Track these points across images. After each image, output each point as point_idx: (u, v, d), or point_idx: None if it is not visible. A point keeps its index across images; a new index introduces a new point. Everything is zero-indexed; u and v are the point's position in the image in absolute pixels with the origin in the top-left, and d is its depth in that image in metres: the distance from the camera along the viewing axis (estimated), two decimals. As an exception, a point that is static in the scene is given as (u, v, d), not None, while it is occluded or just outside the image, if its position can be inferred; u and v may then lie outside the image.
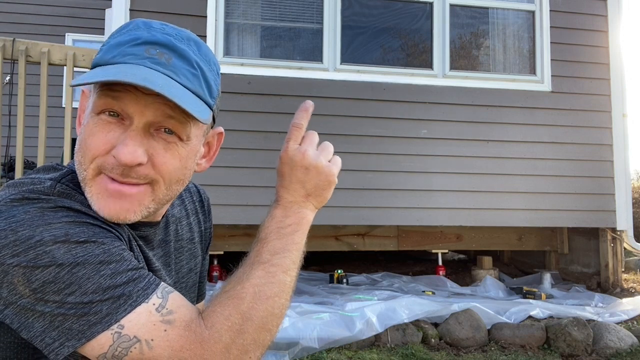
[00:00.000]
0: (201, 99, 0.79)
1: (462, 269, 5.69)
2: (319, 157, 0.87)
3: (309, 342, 3.11)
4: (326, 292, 4.32)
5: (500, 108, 4.69)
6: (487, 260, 5.15)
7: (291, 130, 0.88)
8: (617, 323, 3.80)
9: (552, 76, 4.79)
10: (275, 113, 4.23)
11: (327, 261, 5.46)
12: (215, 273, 4.64)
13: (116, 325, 0.70)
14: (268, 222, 0.86)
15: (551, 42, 4.80)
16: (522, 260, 5.92)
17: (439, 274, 5.03)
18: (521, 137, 4.69)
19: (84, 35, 7.27)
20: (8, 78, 3.93)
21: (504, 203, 4.64)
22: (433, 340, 3.47)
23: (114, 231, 0.78)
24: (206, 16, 4.29)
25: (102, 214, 0.77)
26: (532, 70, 4.86)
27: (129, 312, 0.70)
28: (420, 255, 6.01)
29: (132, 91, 0.73)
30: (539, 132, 4.72)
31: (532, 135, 4.71)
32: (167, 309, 0.73)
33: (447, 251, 5.55)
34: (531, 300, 4.21)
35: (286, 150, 0.87)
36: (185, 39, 0.80)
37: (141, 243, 0.87)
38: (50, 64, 3.49)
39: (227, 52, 4.39)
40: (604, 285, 4.90)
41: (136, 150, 0.75)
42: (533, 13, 4.86)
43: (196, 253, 1.06)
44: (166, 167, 0.79)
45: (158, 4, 4.23)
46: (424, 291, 4.45)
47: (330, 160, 0.90)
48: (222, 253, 4.55)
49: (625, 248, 5.05)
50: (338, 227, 4.78)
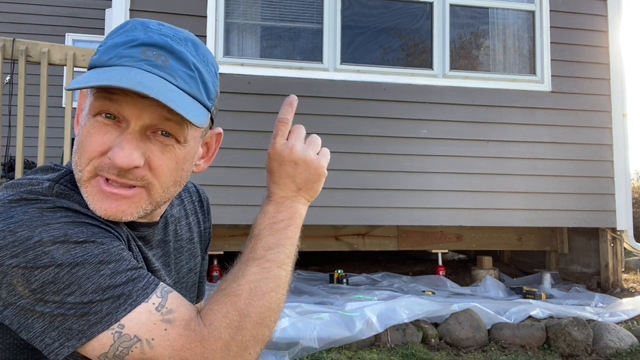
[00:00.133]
0: (198, 101, 0.79)
1: (462, 269, 5.69)
2: (307, 151, 0.87)
3: (309, 342, 3.11)
4: (326, 292, 4.31)
5: (500, 108, 4.69)
6: (487, 260, 5.15)
7: (277, 125, 0.88)
8: (617, 323, 3.80)
9: (552, 76, 4.78)
10: (275, 113, 4.06)
11: (327, 261, 5.46)
12: (215, 273, 4.64)
13: (116, 324, 0.70)
14: (261, 219, 0.86)
15: (551, 42, 4.80)
16: (522, 260, 5.92)
17: (439, 274, 5.03)
18: (521, 137, 4.69)
19: (84, 35, 7.27)
20: (8, 78, 3.93)
21: (504, 203, 4.64)
22: (433, 340, 3.47)
23: (113, 231, 0.78)
24: (206, 16, 4.29)
25: (99, 214, 0.77)
26: (532, 70, 4.85)
27: (129, 312, 0.71)
28: (420, 255, 6.01)
29: (129, 94, 0.73)
30: (539, 132, 4.72)
31: (532, 135, 4.71)
32: (167, 308, 0.73)
33: (447, 251, 5.55)
34: (531, 300, 4.21)
35: (274, 146, 0.87)
36: (182, 40, 0.79)
37: (140, 243, 0.87)
38: (50, 64, 3.49)
39: (227, 52, 4.39)
40: (604, 285, 4.90)
41: (132, 153, 0.75)
42: (533, 13, 4.86)
43: (196, 253, 1.07)
44: (162, 170, 0.79)
45: (158, 4, 4.23)
46: (424, 291, 4.45)
47: (318, 152, 0.90)
48: (222, 253, 4.55)
49: (625, 248, 5.05)
50: (338, 227, 4.78)
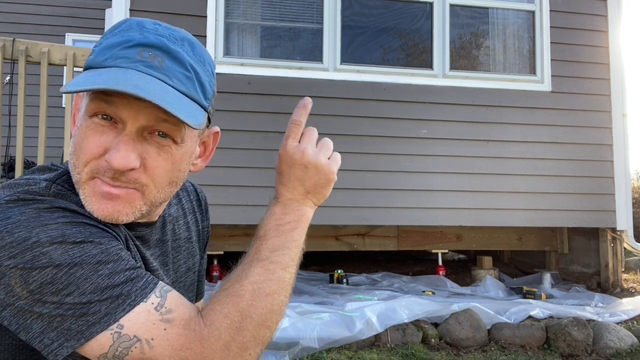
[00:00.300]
0: (195, 102, 0.79)
1: (462, 269, 5.69)
2: (318, 155, 0.86)
3: (309, 342, 3.11)
4: (326, 292, 4.31)
5: (500, 108, 4.69)
6: (487, 260, 5.15)
7: (290, 127, 0.87)
8: (617, 323, 3.80)
9: (552, 76, 4.78)
10: (275, 113, 4.23)
11: (327, 261, 5.46)
12: (215, 273, 4.64)
13: (115, 325, 0.70)
14: (267, 220, 0.85)
15: (551, 42, 4.80)
16: (522, 260, 5.92)
17: (439, 274, 5.03)
18: (521, 137, 4.69)
19: (84, 35, 7.25)
20: (8, 78, 3.93)
21: (504, 203, 4.64)
22: (433, 340, 3.47)
23: (111, 231, 0.78)
24: (206, 16, 4.29)
25: (96, 215, 0.77)
26: (532, 70, 4.85)
27: (128, 312, 0.70)
28: (420, 255, 6.01)
29: (125, 96, 0.72)
30: (539, 132, 4.72)
31: (532, 135, 4.71)
32: (166, 308, 0.73)
33: (447, 251, 5.54)
34: (531, 300, 4.21)
35: (285, 147, 0.86)
36: (179, 40, 0.79)
37: (138, 243, 0.87)
38: (50, 64, 3.48)
39: (227, 52, 4.39)
40: (604, 285, 4.90)
41: (128, 155, 0.75)
42: (533, 13, 4.86)
43: (194, 252, 1.06)
44: (158, 171, 0.79)
45: (158, 4, 4.23)
46: (424, 291, 4.45)
47: (329, 157, 0.89)
48: (222, 253, 4.55)
49: (625, 248, 5.04)
50: (338, 227, 4.78)
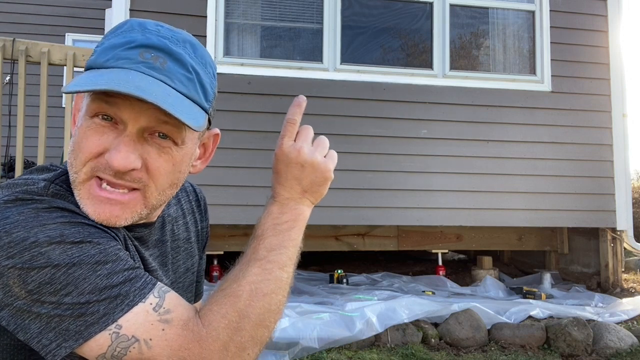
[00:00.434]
0: (196, 104, 0.79)
1: (462, 269, 5.69)
2: (315, 154, 0.86)
3: (309, 342, 3.11)
4: (326, 292, 4.31)
5: (500, 108, 4.69)
6: (487, 260, 5.15)
7: (285, 126, 0.87)
8: (617, 323, 3.79)
9: (552, 76, 4.78)
10: (275, 113, 4.22)
11: (327, 261, 5.46)
12: (215, 273, 4.64)
13: (114, 325, 0.69)
14: (264, 219, 0.85)
15: (551, 42, 4.79)
16: (522, 260, 5.92)
17: (439, 274, 5.03)
18: (521, 137, 4.69)
19: (84, 35, 7.26)
20: (8, 78, 3.93)
21: (504, 203, 4.64)
22: (433, 340, 3.47)
23: (109, 231, 0.78)
24: (206, 16, 4.29)
25: (92, 218, 0.77)
26: (532, 70, 4.85)
27: (127, 312, 0.70)
28: (420, 255, 6.01)
29: (127, 97, 0.72)
30: (539, 132, 4.72)
31: (532, 135, 4.70)
32: (165, 308, 0.73)
33: (447, 251, 5.54)
34: (531, 300, 4.21)
35: (281, 147, 0.86)
36: (180, 41, 0.79)
37: (137, 243, 0.87)
38: (50, 64, 3.48)
39: (227, 52, 4.39)
40: (604, 285, 4.90)
41: (129, 156, 0.75)
42: (533, 13, 4.86)
43: (193, 252, 1.06)
44: (159, 172, 0.79)
45: (158, 4, 4.22)
46: (424, 291, 4.45)
47: (325, 155, 0.89)
48: (222, 253, 4.55)
49: (625, 248, 5.04)
50: (338, 227, 4.78)
